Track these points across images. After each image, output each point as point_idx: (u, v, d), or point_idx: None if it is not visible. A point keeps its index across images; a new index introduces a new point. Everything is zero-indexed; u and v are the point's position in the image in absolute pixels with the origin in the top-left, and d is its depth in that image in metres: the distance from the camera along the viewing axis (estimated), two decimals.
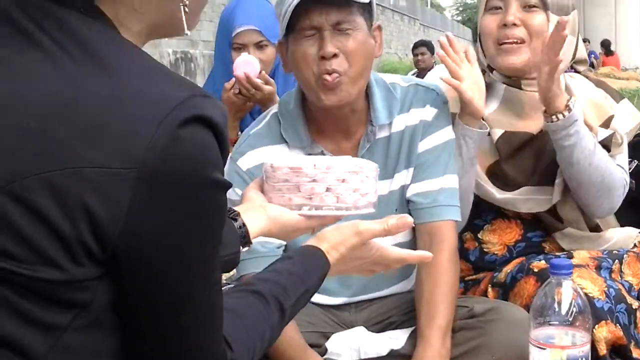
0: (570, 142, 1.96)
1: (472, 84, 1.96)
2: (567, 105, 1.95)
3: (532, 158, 2.09)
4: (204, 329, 0.99)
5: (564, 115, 1.94)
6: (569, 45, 2.09)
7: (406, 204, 1.93)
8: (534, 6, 2.05)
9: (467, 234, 2.16)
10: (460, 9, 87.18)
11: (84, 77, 0.89)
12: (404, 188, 1.93)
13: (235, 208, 1.37)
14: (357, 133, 1.91)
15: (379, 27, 1.89)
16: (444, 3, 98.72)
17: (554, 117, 1.96)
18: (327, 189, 1.36)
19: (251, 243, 1.35)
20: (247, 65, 2.54)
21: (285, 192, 1.39)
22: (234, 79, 2.52)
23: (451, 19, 74.78)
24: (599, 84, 2.26)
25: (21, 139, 0.87)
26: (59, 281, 0.87)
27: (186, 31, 1.04)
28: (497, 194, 2.07)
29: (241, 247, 1.32)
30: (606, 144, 2.09)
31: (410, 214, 1.91)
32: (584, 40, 17.54)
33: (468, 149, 1.99)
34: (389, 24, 32.48)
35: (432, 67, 9.27)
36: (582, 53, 2.17)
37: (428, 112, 1.93)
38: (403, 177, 1.93)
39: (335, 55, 1.76)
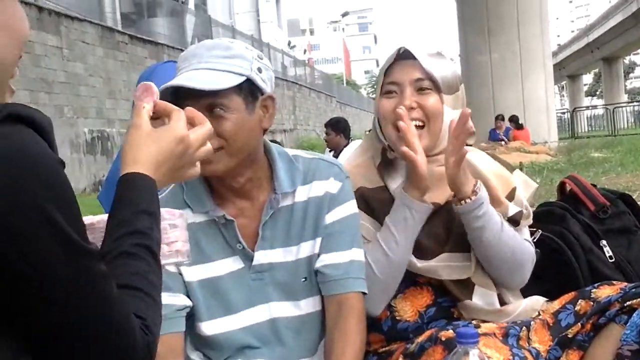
0: (479, 223, 2.06)
1: (424, 158, 2.02)
2: (473, 190, 2.04)
3: (443, 226, 2.15)
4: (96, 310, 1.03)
5: (471, 199, 2.04)
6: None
7: (314, 274, 1.97)
8: (427, 88, 2.14)
9: None
10: (375, 86, 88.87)
11: None
12: (311, 258, 1.97)
13: None
14: (260, 200, 1.96)
15: (271, 98, 1.92)
16: (359, 81, 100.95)
17: (462, 201, 2.05)
18: None
19: None
20: None
21: None
22: None
23: (367, 96, 76.33)
24: (493, 157, 2.36)
25: None
26: None
27: None
28: (418, 263, 2.11)
29: None
30: (515, 219, 2.18)
31: (319, 285, 1.96)
32: (500, 117, 18.18)
33: (415, 221, 2.06)
34: (306, 101, 33.02)
35: (341, 148, 8.95)
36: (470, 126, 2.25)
37: (333, 185, 1.99)
38: (310, 247, 1.97)
39: None
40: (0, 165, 0.94)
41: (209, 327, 1.93)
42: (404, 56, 2.19)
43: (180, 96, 1.78)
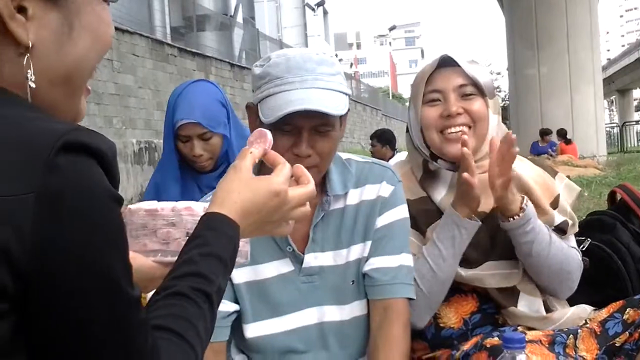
0: (528, 238, 2.05)
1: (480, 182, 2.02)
2: (521, 207, 2.04)
3: (488, 235, 2.14)
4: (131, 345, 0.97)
5: (519, 216, 2.03)
6: (499, 124, 2.18)
7: (362, 277, 1.96)
8: (471, 94, 2.14)
9: None
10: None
11: None
12: (360, 261, 1.96)
13: None
14: (312, 202, 1.94)
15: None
16: (405, 95, 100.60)
17: (510, 218, 2.04)
18: (188, 234, 1.23)
19: None
20: None
21: (142, 237, 1.28)
22: None
23: None
24: (534, 162, 2.35)
25: None
26: None
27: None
28: (463, 272, 2.11)
29: None
30: (562, 227, 2.17)
31: (365, 289, 1.96)
32: (548, 132, 17.98)
33: (462, 239, 2.06)
34: (352, 114, 32.98)
35: (386, 159, 9.15)
36: (503, 130, 2.22)
37: (385, 189, 1.99)
38: (360, 250, 1.96)
39: (309, 155, 1.81)
40: (54, 201, 0.89)
41: (254, 329, 1.93)
42: (444, 64, 2.18)
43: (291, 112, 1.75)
